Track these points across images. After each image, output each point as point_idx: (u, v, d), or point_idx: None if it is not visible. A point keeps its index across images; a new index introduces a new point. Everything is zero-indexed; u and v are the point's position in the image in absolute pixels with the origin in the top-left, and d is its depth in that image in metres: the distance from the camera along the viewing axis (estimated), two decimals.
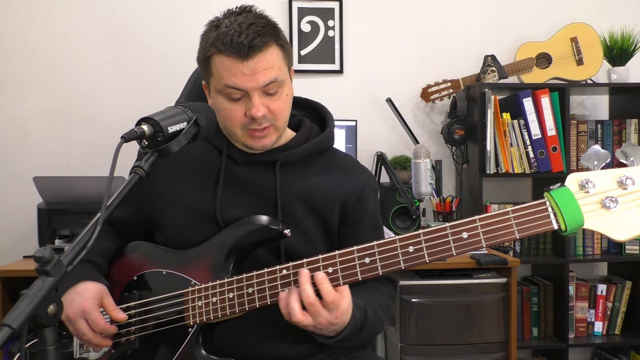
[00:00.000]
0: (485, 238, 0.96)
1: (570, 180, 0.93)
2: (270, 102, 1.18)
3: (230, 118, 1.19)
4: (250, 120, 1.18)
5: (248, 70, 1.14)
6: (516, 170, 2.58)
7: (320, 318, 1.03)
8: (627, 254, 2.65)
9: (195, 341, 1.13)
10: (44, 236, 2.25)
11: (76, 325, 1.12)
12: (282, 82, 1.19)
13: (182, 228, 1.23)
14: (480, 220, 0.97)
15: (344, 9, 2.82)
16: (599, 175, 0.92)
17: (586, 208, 0.92)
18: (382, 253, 1.02)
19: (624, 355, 2.69)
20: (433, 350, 2.12)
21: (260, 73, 1.15)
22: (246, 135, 1.20)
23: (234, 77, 1.15)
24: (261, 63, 1.14)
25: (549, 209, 0.94)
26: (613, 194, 0.91)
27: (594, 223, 0.92)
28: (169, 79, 2.65)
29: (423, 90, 2.79)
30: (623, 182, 0.91)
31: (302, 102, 1.39)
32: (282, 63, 1.20)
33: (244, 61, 1.13)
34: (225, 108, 1.19)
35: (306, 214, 1.25)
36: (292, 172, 1.26)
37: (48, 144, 2.73)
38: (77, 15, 2.74)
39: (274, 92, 1.18)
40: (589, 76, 2.75)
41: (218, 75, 1.17)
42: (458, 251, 0.98)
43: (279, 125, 1.22)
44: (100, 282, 1.18)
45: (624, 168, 0.92)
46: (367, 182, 1.31)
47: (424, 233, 1.00)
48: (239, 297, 1.10)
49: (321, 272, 1.03)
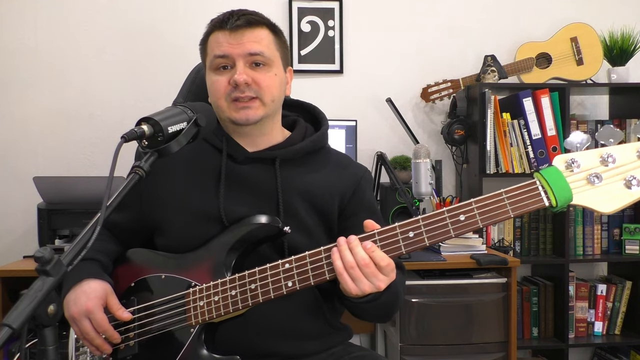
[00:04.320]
0: (482, 219, 1.01)
1: (557, 160, 1.00)
2: (256, 74, 1.22)
3: (216, 90, 1.23)
4: (234, 88, 1.20)
5: (234, 40, 1.21)
6: (516, 170, 2.58)
7: (379, 282, 1.03)
8: (627, 254, 2.65)
9: (198, 341, 1.13)
10: (44, 236, 2.25)
11: (80, 324, 1.12)
12: (269, 60, 1.23)
13: (185, 229, 1.23)
14: (475, 203, 1.01)
15: (344, 9, 2.82)
16: (583, 155, 0.99)
17: (573, 185, 0.98)
18: (383, 240, 1.04)
19: (624, 355, 2.69)
20: (433, 350, 2.12)
21: (247, 43, 1.21)
22: (231, 108, 1.23)
23: (221, 47, 1.21)
24: (248, 36, 1.21)
25: (539, 187, 1.00)
26: (597, 171, 0.98)
27: (581, 198, 0.98)
28: (169, 79, 2.64)
29: (423, 90, 2.79)
30: (605, 159, 0.97)
31: (294, 104, 1.41)
32: (273, 46, 1.25)
33: (232, 32, 1.21)
34: (213, 81, 1.23)
35: (307, 209, 1.26)
36: (291, 169, 1.27)
37: (48, 144, 2.73)
38: (77, 15, 2.74)
39: (261, 64, 1.22)
40: (589, 76, 2.75)
41: (210, 50, 1.24)
42: (456, 232, 1.02)
43: (266, 100, 1.23)
44: (105, 281, 1.18)
45: (605, 147, 0.99)
46: (363, 175, 1.34)
47: (422, 218, 1.03)
48: (242, 294, 1.10)
49: (369, 242, 1.03)
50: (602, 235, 2.72)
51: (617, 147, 0.98)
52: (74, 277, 1.15)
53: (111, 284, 1.19)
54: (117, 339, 1.15)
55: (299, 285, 1.07)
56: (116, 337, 1.14)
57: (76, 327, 1.13)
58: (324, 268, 1.07)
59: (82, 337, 1.14)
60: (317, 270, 1.07)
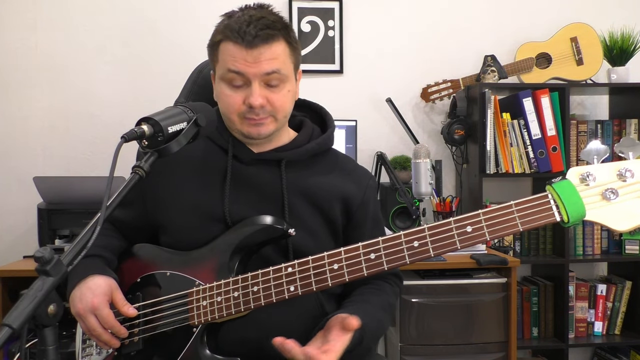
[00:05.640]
0: (489, 231, 0.98)
1: (572, 173, 0.95)
2: (271, 94, 1.19)
3: (229, 105, 1.20)
4: (248, 108, 1.19)
5: (251, 57, 1.15)
6: (516, 170, 2.58)
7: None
8: (627, 254, 2.65)
9: (200, 341, 1.13)
10: (44, 236, 2.25)
11: (86, 321, 1.12)
12: (284, 77, 1.20)
13: (188, 229, 1.23)
14: (483, 214, 0.98)
15: (344, 9, 2.82)
16: (599, 169, 0.94)
17: (587, 200, 0.94)
18: (387, 248, 1.03)
19: (624, 355, 2.69)
20: (433, 350, 2.12)
21: (264, 62, 1.16)
22: (244, 123, 1.21)
23: (237, 63, 1.16)
24: (265, 53, 1.16)
25: (551, 201, 0.95)
26: (613, 186, 0.93)
27: (595, 214, 0.94)
28: (169, 79, 2.64)
29: (423, 90, 2.79)
30: (623, 174, 0.93)
31: (301, 104, 1.39)
32: (288, 60, 1.21)
33: (249, 49, 1.15)
34: (225, 94, 1.20)
35: (311, 211, 1.25)
36: (296, 171, 1.27)
37: (48, 144, 2.73)
38: (77, 15, 2.74)
39: (276, 84, 1.19)
40: (588, 76, 2.75)
41: (223, 61, 1.19)
42: (462, 245, 0.99)
43: (279, 118, 1.22)
44: (110, 277, 1.18)
45: (623, 161, 0.94)
46: (368, 183, 1.34)
47: (428, 228, 1.01)
48: (244, 296, 1.10)
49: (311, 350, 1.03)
50: (602, 235, 2.72)
51: (636, 162, 0.94)
52: (78, 273, 1.15)
53: (116, 279, 1.19)
54: (123, 333, 1.15)
55: (301, 291, 1.07)
56: (123, 331, 1.15)
57: (83, 323, 1.14)
58: (326, 274, 1.06)
59: (89, 333, 1.14)
60: (320, 275, 1.06)
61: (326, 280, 1.06)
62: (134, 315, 1.16)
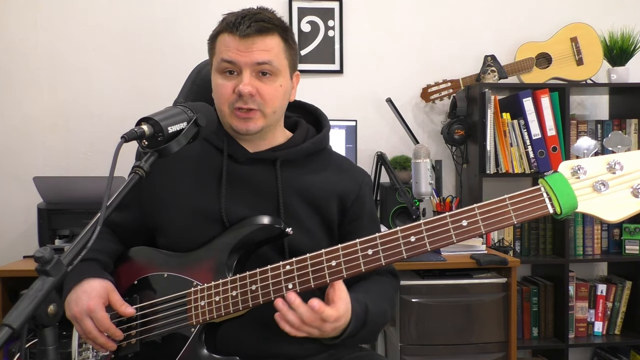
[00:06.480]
0: (485, 225, 0.99)
1: (563, 166, 0.98)
2: (262, 85, 1.21)
3: (220, 94, 1.22)
4: (238, 97, 1.20)
5: (244, 46, 1.19)
6: (516, 170, 2.58)
7: (325, 328, 1.06)
8: (627, 254, 2.65)
9: (198, 341, 1.13)
10: (44, 236, 2.25)
11: (82, 323, 1.12)
12: (276, 70, 1.22)
13: (185, 229, 1.23)
14: (478, 208, 1.00)
15: (344, 9, 2.82)
16: (590, 162, 0.97)
17: (579, 192, 0.96)
18: (385, 244, 1.04)
19: (624, 355, 2.69)
20: (433, 350, 2.12)
21: (256, 52, 1.19)
22: (233, 116, 1.23)
23: (229, 52, 1.20)
24: (258, 44, 1.19)
25: (544, 194, 0.98)
26: (603, 178, 0.96)
27: (586, 206, 0.96)
28: (169, 79, 2.64)
29: (423, 90, 2.79)
30: (612, 166, 0.95)
31: (296, 105, 1.41)
32: (282, 55, 1.23)
33: (242, 38, 1.19)
34: (218, 84, 1.23)
35: (307, 210, 1.26)
36: (291, 170, 1.28)
37: (48, 144, 2.73)
38: (77, 15, 2.74)
39: (267, 75, 1.21)
40: (588, 76, 2.75)
41: (218, 51, 1.22)
42: (459, 238, 1.01)
43: (267, 112, 1.23)
44: (106, 279, 1.18)
45: (612, 154, 0.97)
46: (364, 180, 1.35)
47: (424, 223, 1.02)
48: (242, 295, 1.10)
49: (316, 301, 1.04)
50: (602, 235, 2.72)
51: (625, 155, 0.96)
52: (74, 277, 1.15)
53: (112, 281, 1.19)
54: (119, 336, 1.15)
55: (300, 288, 1.07)
56: (119, 334, 1.15)
57: (79, 326, 1.13)
58: (324, 271, 1.06)
59: (85, 336, 1.14)
60: (318, 272, 1.07)
61: (324, 277, 1.06)
62: (133, 315, 1.16)
